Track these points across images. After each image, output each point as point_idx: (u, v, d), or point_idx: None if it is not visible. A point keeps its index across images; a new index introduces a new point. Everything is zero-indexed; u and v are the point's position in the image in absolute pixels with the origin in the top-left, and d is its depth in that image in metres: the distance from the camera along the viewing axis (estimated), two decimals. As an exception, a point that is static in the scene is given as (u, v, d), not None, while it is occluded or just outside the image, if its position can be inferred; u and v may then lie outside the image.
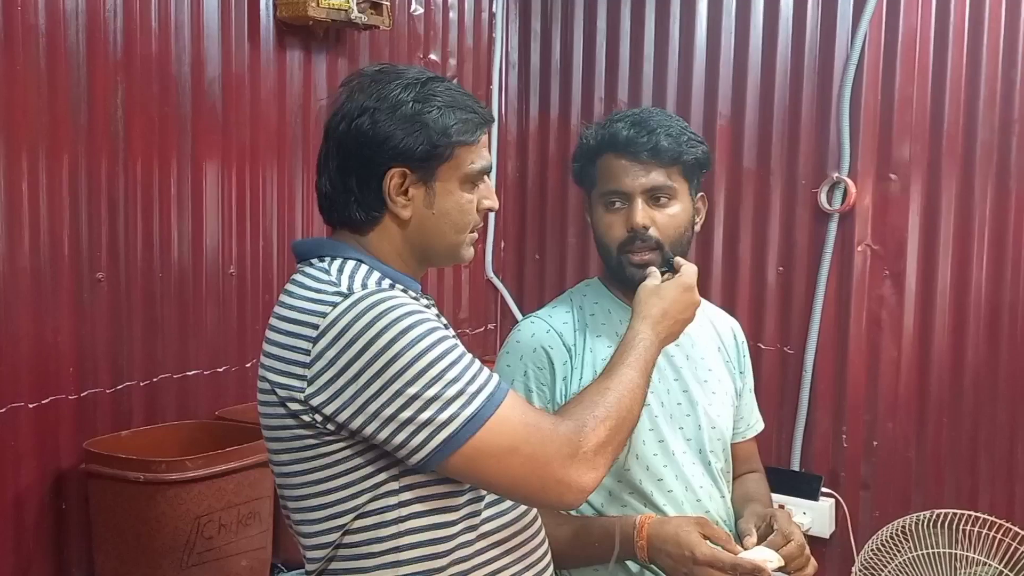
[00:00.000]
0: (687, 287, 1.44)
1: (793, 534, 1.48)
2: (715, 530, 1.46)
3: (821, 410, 2.96)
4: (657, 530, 1.45)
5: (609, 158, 1.58)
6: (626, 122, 1.57)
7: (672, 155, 1.56)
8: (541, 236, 3.41)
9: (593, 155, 1.60)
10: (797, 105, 2.94)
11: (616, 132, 1.56)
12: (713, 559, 1.39)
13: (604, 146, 1.58)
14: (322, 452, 1.21)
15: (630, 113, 1.60)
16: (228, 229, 2.45)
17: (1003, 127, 2.69)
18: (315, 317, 1.19)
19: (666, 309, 1.41)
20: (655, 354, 1.37)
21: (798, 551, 1.46)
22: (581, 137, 1.65)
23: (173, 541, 1.91)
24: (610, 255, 1.58)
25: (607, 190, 1.58)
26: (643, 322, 1.38)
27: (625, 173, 1.56)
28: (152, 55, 2.24)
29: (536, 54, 3.38)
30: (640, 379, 1.31)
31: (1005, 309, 2.72)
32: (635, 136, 1.55)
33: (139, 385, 2.26)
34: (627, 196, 1.56)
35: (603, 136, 1.58)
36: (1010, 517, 2.62)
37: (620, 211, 1.57)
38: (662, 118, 1.59)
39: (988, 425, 2.76)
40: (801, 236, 2.96)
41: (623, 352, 1.34)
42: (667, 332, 1.41)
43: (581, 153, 1.63)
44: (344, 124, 1.26)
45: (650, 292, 1.43)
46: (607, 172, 1.58)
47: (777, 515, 1.53)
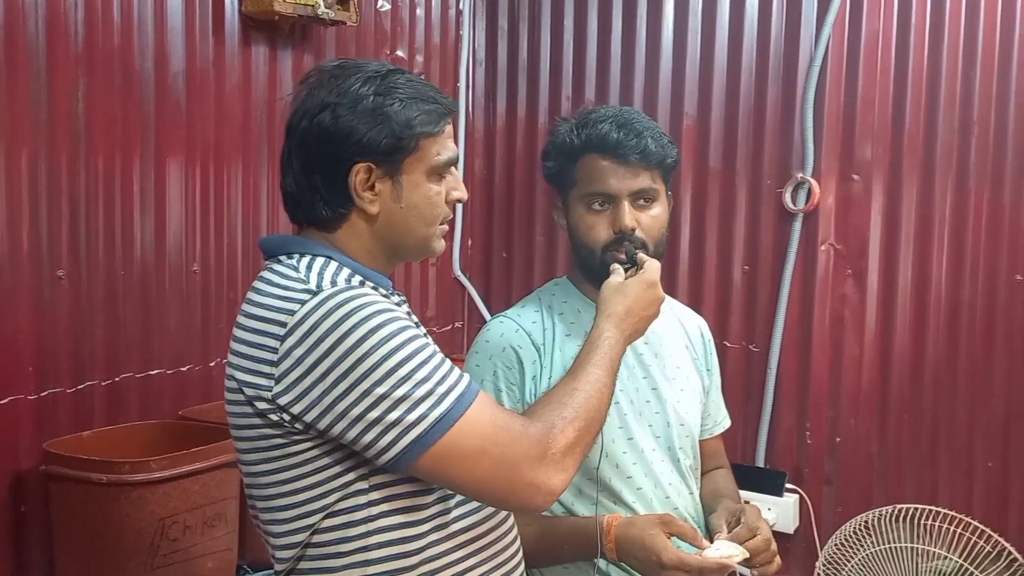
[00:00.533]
0: (651, 283, 1.44)
1: (760, 528, 1.49)
2: (681, 527, 1.46)
3: (785, 407, 2.99)
4: (624, 532, 1.46)
5: (594, 159, 1.56)
6: (611, 123, 1.55)
7: (658, 158, 1.56)
8: (508, 234, 3.41)
9: (575, 154, 1.58)
10: (762, 106, 2.97)
11: (604, 133, 1.54)
12: (680, 563, 1.39)
13: (589, 147, 1.56)
14: (290, 451, 1.19)
15: (611, 113, 1.58)
16: (192, 226, 2.42)
17: (963, 128, 2.74)
18: (283, 315, 1.18)
19: (630, 306, 1.40)
20: (621, 352, 1.37)
21: (764, 545, 1.47)
22: (556, 135, 1.62)
23: (137, 543, 1.88)
24: (593, 256, 1.57)
25: (592, 191, 1.56)
26: (608, 320, 1.38)
27: (611, 175, 1.54)
28: (114, 49, 2.21)
29: (503, 52, 3.38)
30: (607, 378, 1.30)
31: (964, 307, 2.78)
32: (624, 139, 1.53)
33: (101, 384, 2.22)
34: (612, 198, 1.55)
35: (588, 136, 1.56)
36: (969, 512, 2.67)
37: (604, 212, 1.56)
38: (644, 119, 1.58)
39: (948, 421, 2.81)
40: (766, 235, 2.99)
41: (589, 351, 1.33)
42: (632, 329, 1.40)
43: (559, 151, 1.60)
44: (306, 121, 1.24)
45: (614, 290, 1.42)
46: (591, 173, 1.56)
47: (746, 510, 1.54)
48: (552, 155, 1.62)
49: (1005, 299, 2.73)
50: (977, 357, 2.77)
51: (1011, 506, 2.75)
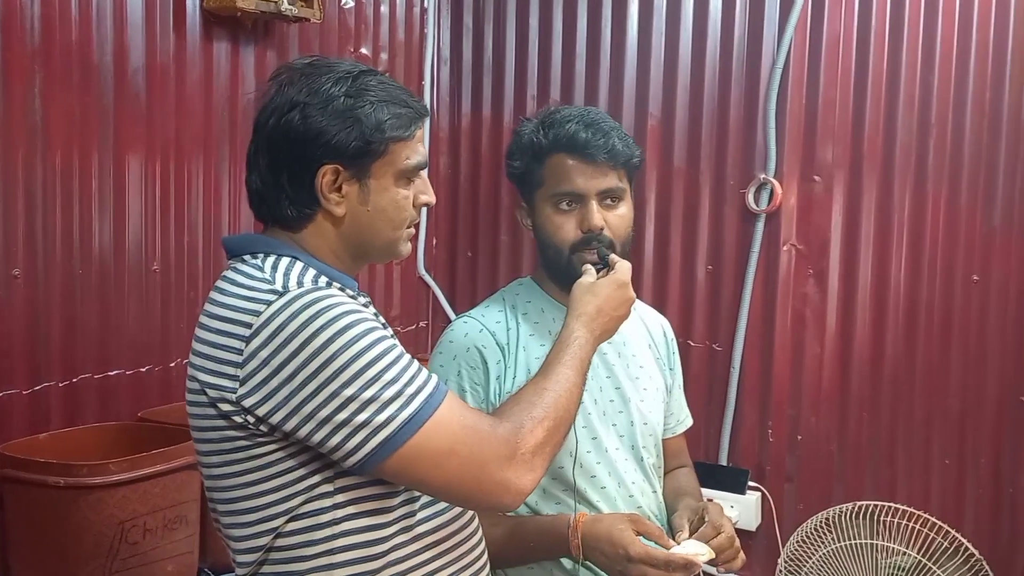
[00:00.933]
0: (621, 284, 1.45)
1: (723, 526, 1.50)
2: (648, 526, 1.47)
3: (748, 406, 3.02)
4: (591, 528, 1.46)
5: (562, 158, 1.55)
6: (578, 122, 1.55)
7: (625, 157, 1.56)
8: (473, 233, 3.40)
9: (542, 154, 1.57)
10: (725, 107, 3.00)
11: (572, 133, 1.54)
12: (647, 556, 1.40)
13: (557, 146, 1.55)
14: (254, 454, 1.17)
15: (576, 113, 1.58)
16: (152, 224, 2.38)
17: (921, 130, 2.79)
18: (248, 315, 1.16)
19: (601, 306, 1.40)
20: (591, 352, 1.37)
21: (728, 543, 1.48)
22: (521, 134, 1.61)
23: (96, 547, 1.85)
24: (560, 256, 1.57)
25: (560, 191, 1.56)
26: (578, 320, 1.38)
27: (579, 174, 1.54)
28: (72, 43, 2.17)
29: (468, 50, 3.37)
30: (576, 378, 1.30)
31: (922, 306, 2.82)
32: (592, 138, 1.53)
33: (58, 386, 2.18)
34: (580, 197, 1.55)
35: (556, 136, 1.55)
36: (927, 508, 2.72)
37: (572, 212, 1.55)
38: (609, 120, 1.58)
39: (906, 419, 2.86)
40: (729, 235, 3.02)
41: (559, 351, 1.33)
42: (602, 329, 1.41)
43: (525, 151, 1.59)
44: (274, 119, 1.22)
45: (585, 290, 1.43)
46: (559, 173, 1.56)
47: (709, 508, 1.55)
48: (517, 155, 1.61)
49: (961, 299, 2.78)
50: (934, 356, 2.82)
51: (967, 502, 2.81)
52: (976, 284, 2.76)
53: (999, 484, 2.77)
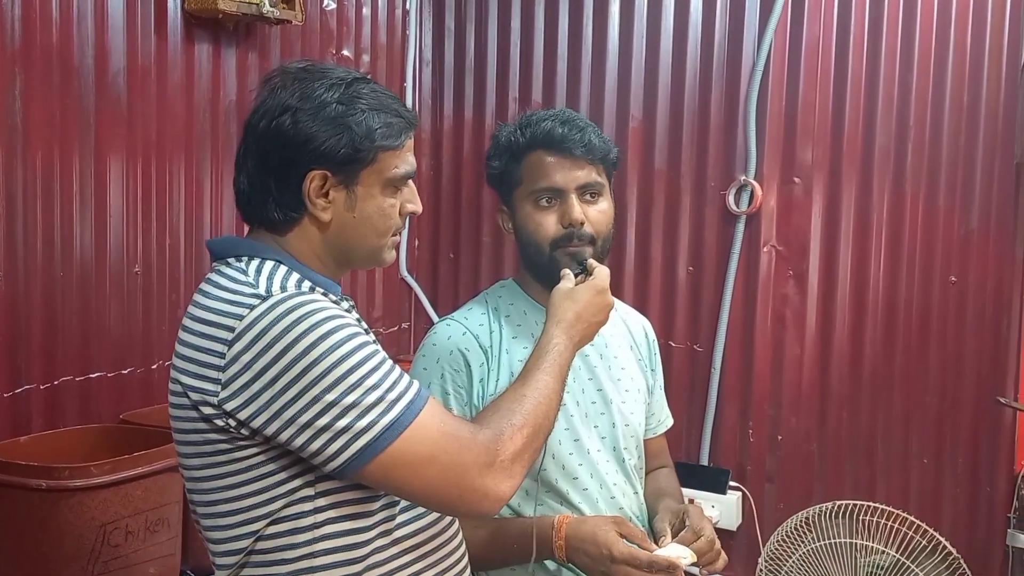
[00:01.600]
0: (600, 290, 1.45)
1: (704, 529, 1.51)
2: (631, 529, 1.48)
3: (729, 406, 3.04)
4: (575, 530, 1.47)
5: (539, 155, 1.57)
6: (554, 120, 1.57)
7: (602, 152, 1.58)
8: (455, 235, 3.40)
9: (520, 153, 1.58)
10: (706, 109, 3.01)
11: (549, 129, 1.56)
12: (630, 557, 1.41)
13: (535, 143, 1.57)
14: (235, 457, 1.18)
15: (552, 112, 1.60)
16: (133, 226, 2.38)
17: (899, 132, 2.81)
18: (231, 319, 1.16)
19: (580, 312, 1.41)
20: (570, 358, 1.37)
21: (708, 546, 1.49)
22: (499, 136, 1.63)
23: (77, 550, 1.84)
24: (542, 253, 1.57)
25: (539, 187, 1.57)
26: (557, 326, 1.38)
27: (557, 170, 1.56)
28: (53, 45, 2.16)
29: (450, 52, 3.38)
30: (556, 384, 1.31)
31: (900, 307, 2.85)
32: (568, 133, 1.55)
33: (39, 388, 2.17)
34: (560, 193, 1.56)
35: (533, 133, 1.57)
36: (905, 507, 2.74)
37: (552, 208, 1.57)
38: (584, 119, 1.60)
39: (884, 419, 2.88)
40: (710, 237, 3.04)
41: (538, 357, 1.33)
42: (581, 335, 1.41)
43: (503, 151, 1.61)
44: (264, 122, 1.22)
45: (564, 295, 1.43)
46: (538, 169, 1.57)
47: (689, 511, 1.56)
48: (496, 155, 1.62)
49: (939, 300, 2.81)
50: (912, 357, 2.84)
51: (945, 501, 2.84)
52: (954, 285, 2.79)
53: (976, 483, 2.80)
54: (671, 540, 1.51)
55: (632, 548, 1.42)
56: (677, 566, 1.42)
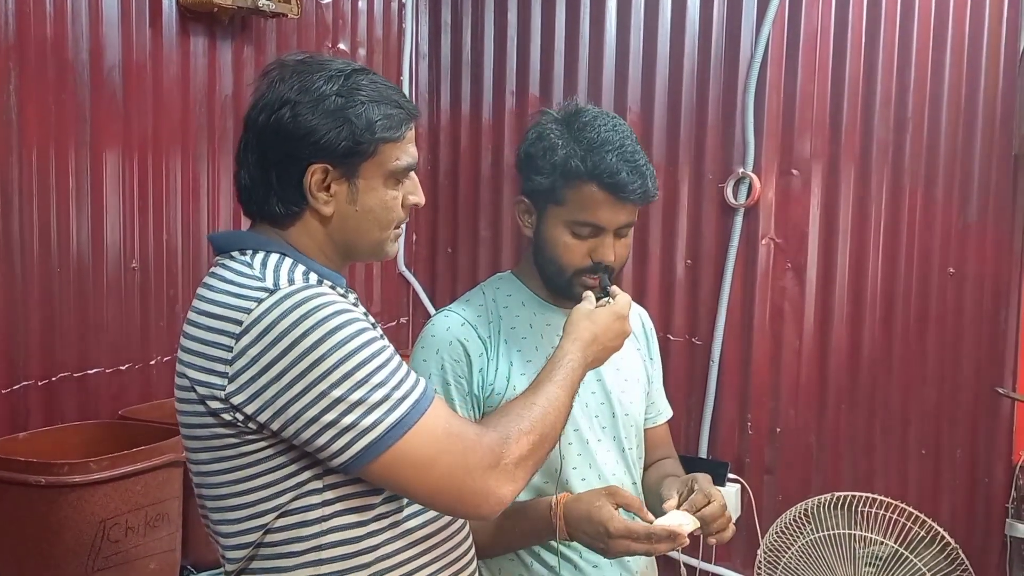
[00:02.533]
0: (619, 316, 1.46)
1: (713, 495, 1.49)
2: (627, 498, 1.47)
3: (727, 399, 3.04)
4: (572, 509, 1.47)
5: (592, 188, 1.51)
6: (620, 158, 1.50)
7: (652, 198, 1.56)
8: (453, 229, 3.40)
9: (575, 178, 1.52)
10: (704, 102, 3.01)
11: (615, 170, 1.49)
12: (627, 531, 1.40)
13: (595, 177, 1.51)
14: (243, 451, 1.18)
15: (615, 143, 1.51)
16: (130, 222, 2.37)
17: (898, 125, 2.81)
18: (239, 313, 1.15)
19: (597, 334, 1.42)
20: (581, 375, 1.38)
21: (720, 511, 1.47)
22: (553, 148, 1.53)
23: (77, 546, 1.83)
24: (562, 275, 1.57)
25: (582, 220, 1.53)
26: (573, 344, 1.39)
27: (606, 209, 1.52)
28: (47, 40, 2.14)
29: (447, 46, 3.36)
30: (565, 398, 1.32)
31: (899, 299, 2.85)
32: (631, 179, 1.50)
33: (37, 384, 2.16)
34: (601, 230, 1.54)
35: (597, 167, 1.50)
36: (904, 498, 2.74)
37: (586, 239, 1.54)
38: (642, 153, 1.54)
39: (883, 410, 2.89)
40: (708, 230, 3.04)
41: (551, 370, 1.34)
42: (594, 356, 1.42)
43: (557, 169, 1.52)
44: (264, 116, 1.22)
45: (583, 315, 1.44)
46: (586, 202, 1.52)
47: (698, 478, 1.55)
48: (547, 171, 1.54)
49: (937, 292, 2.81)
50: (911, 348, 2.85)
51: (943, 492, 2.84)
52: (952, 277, 2.80)
53: (975, 474, 2.81)
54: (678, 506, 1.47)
55: (628, 522, 1.42)
56: (679, 534, 1.40)
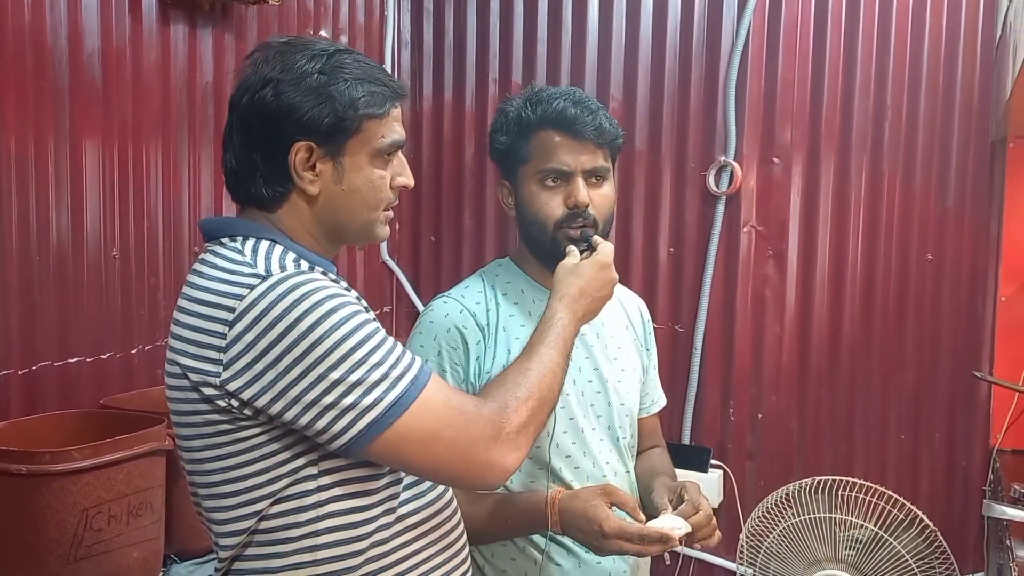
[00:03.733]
0: (604, 265, 1.46)
1: (701, 504, 1.52)
2: (622, 497, 1.48)
3: (710, 385, 3.06)
4: (567, 505, 1.48)
5: (549, 134, 1.55)
6: (566, 100, 1.55)
7: (611, 137, 1.57)
8: (436, 218, 3.40)
9: (529, 129, 1.56)
10: (686, 90, 3.02)
11: (561, 109, 1.53)
12: (621, 531, 1.42)
13: (545, 121, 1.55)
14: (237, 437, 1.17)
15: (564, 91, 1.57)
16: (110, 210, 2.35)
17: (877, 112, 2.84)
18: (231, 299, 1.15)
19: (583, 287, 1.42)
20: (574, 332, 1.38)
21: (706, 520, 1.50)
22: (507, 111, 1.60)
23: (59, 535, 1.82)
24: (545, 232, 1.57)
25: (547, 168, 1.55)
26: (561, 301, 1.39)
27: (567, 151, 1.54)
28: (25, 26, 2.12)
29: (429, 33, 3.36)
30: (560, 358, 1.32)
31: (878, 285, 2.88)
32: (580, 115, 1.53)
33: (17, 374, 2.14)
34: (567, 175, 1.55)
35: (545, 111, 1.55)
36: (883, 482, 2.78)
37: (557, 188, 1.55)
38: (595, 100, 1.58)
39: (863, 396, 2.92)
40: (691, 218, 3.05)
41: (542, 332, 1.34)
42: (585, 310, 1.42)
43: (511, 126, 1.58)
44: (247, 97, 1.21)
45: (568, 271, 1.44)
46: (547, 149, 1.55)
47: (687, 487, 1.57)
48: (504, 130, 1.59)
49: (916, 278, 2.84)
50: (890, 334, 2.88)
51: (922, 475, 2.88)
52: (930, 263, 2.83)
53: (953, 457, 2.85)
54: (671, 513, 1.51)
55: (622, 522, 1.43)
56: (670, 537, 1.42)
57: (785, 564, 2.78)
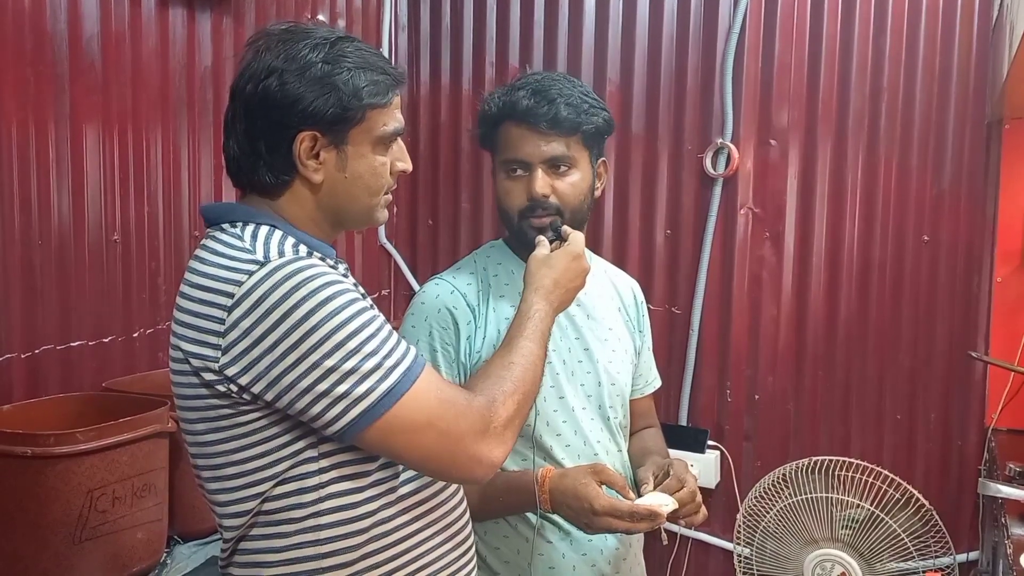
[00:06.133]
0: (575, 255, 1.48)
1: (687, 481, 1.55)
2: (612, 476, 1.51)
3: (707, 367, 3.08)
4: (557, 483, 1.50)
5: (509, 126, 1.59)
6: (527, 90, 1.58)
7: (571, 125, 1.58)
8: (434, 202, 3.40)
9: (494, 122, 1.62)
10: (683, 72, 3.02)
11: (516, 101, 1.58)
12: (611, 509, 1.44)
13: (504, 114, 1.59)
14: (238, 421, 1.19)
15: (532, 81, 1.61)
16: (111, 194, 2.36)
17: (873, 94, 2.84)
18: (230, 285, 1.16)
19: (557, 279, 1.44)
20: (550, 323, 1.40)
21: (689, 497, 1.53)
22: (484, 103, 1.65)
23: (64, 516, 1.84)
24: (511, 221, 1.61)
25: (507, 158, 1.60)
26: (536, 293, 1.41)
27: (524, 142, 1.57)
28: (24, 10, 2.12)
29: (426, 16, 3.35)
30: (539, 351, 1.34)
31: (875, 266, 2.89)
32: (535, 106, 1.56)
33: (19, 357, 2.16)
34: (527, 165, 1.58)
35: (504, 104, 1.59)
36: (879, 461, 2.80)
37: (520, 179, 1.59)
38: (564, 86, 1.60)
39: (859, 376, 2.94)
40: (687, 200, 3.06)
41: (520, 324, 1.36)
42: (559, 300, 1.44)
43: (482, 120, 1.64)
44: (251, 85, 1.22)
45: (540, 262, 1.46)
46: (507, 140, 1.60)
47: (674, 464, 1.60)
48: (480, 123, 1.65)
49: (912, 259, 2.86)
50: (886, 315, 2.90)
51: (917, 455, 2.90)
52: (926, 244, 2.84)
53: (948, 437, 2.87)
54: (653, 489, 1.54)
55: (613, 499, 1.46)
56: (659, 514, 1.45)
57: (782, 544, 2.81)
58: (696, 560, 3.11)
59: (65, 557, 1.84)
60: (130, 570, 1.97)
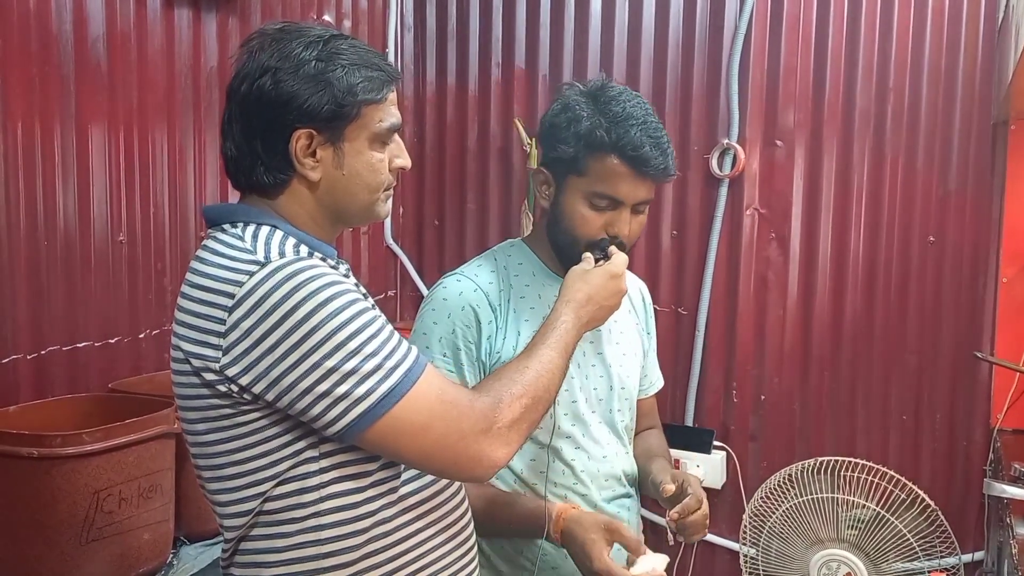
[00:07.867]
0: (614, 275, 1.47)
1: (704, 502, 1.56)
2: (625, 536, 1.50)
3: (713, 368, 3.08)
4: (570, 527, 1.50)
5: (612, 160, 1.50)
6: (643, 133, 1.49)
7: (670, 176, 1.55)
8: (440, 202, 3.40)
9: (598, 150, 1.51)
10: (689, 74, 3.02)
11: (631, 141, 1.49)
12: (607, 572, 1.44)
13: (618, 150, 1.50)
14: (239, 421, 1.19)
15: (638, 118, 1.51)
16: (117, 195, 2.36)
17: (879, 95, 2.84)
18: (230, 286, 1.16)
19: (591, 295, 1.43)
20: (576, 337, 1.39)
21: (702, 520, 1.56)
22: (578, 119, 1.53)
23: (71, 517, 1.84)
24: (574, 247, 1.55)
25: (599, 191, 1.53)
26: (567, 305, 1.40)
27: (624, 182, 1.51)
28: (30, 11, 2.12)
29: (432, 17, 3.36)
30: (560, 360, 1.33)
31: (880, 267, 2.89)
32: (652, 155, 1.49)
33: (26, 358, 2.16)
34: (618, 203, 1.53)
35: (621, 139, 1.49)
36: (885, 462, 2.80)
37: (604, 212, 1.54)
38: (662, 130, 1.54)
39: (864, 377, 2.94)
40: (693, 201, 3.06)
41: (545, 333, 1.35)
42: (590, 317, 1.43)
43: (580, 140, 1.52)
44: (246, 85, 1.22)
45: (577, 276, 1.45)
46: (605, 173, 1.52)
47: (690, 480, 1.60)
48: (571, 140, 1.53)
49: (918, 260, 2.85)
50: (892, 316, 2.89)
51: (923, 456, 2.90)
52: (932, 245, 2.84)
53: (954, 438, 2.87)
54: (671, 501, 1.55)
55: (611, 564, 1.44)
56: None
57: (787, 544, 2.81)
58: (702, 560, 3.11)
59: (71, 558, 1.84)
60: (136, 571, 1.97)
